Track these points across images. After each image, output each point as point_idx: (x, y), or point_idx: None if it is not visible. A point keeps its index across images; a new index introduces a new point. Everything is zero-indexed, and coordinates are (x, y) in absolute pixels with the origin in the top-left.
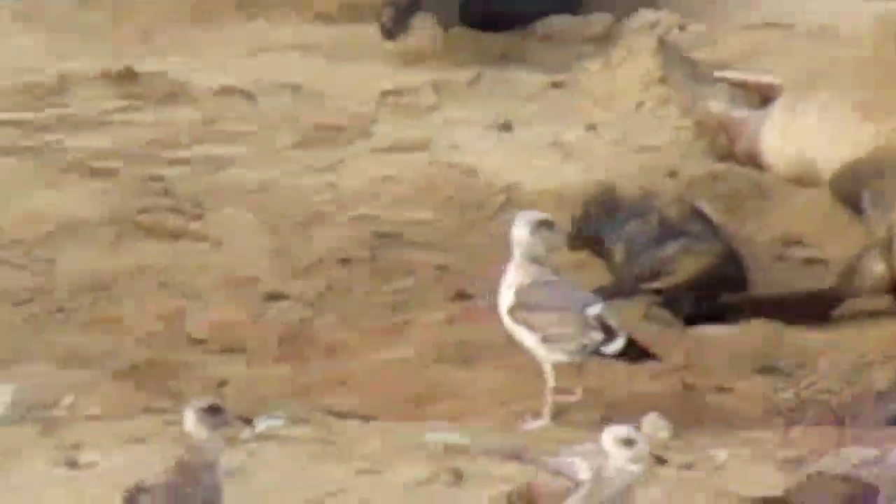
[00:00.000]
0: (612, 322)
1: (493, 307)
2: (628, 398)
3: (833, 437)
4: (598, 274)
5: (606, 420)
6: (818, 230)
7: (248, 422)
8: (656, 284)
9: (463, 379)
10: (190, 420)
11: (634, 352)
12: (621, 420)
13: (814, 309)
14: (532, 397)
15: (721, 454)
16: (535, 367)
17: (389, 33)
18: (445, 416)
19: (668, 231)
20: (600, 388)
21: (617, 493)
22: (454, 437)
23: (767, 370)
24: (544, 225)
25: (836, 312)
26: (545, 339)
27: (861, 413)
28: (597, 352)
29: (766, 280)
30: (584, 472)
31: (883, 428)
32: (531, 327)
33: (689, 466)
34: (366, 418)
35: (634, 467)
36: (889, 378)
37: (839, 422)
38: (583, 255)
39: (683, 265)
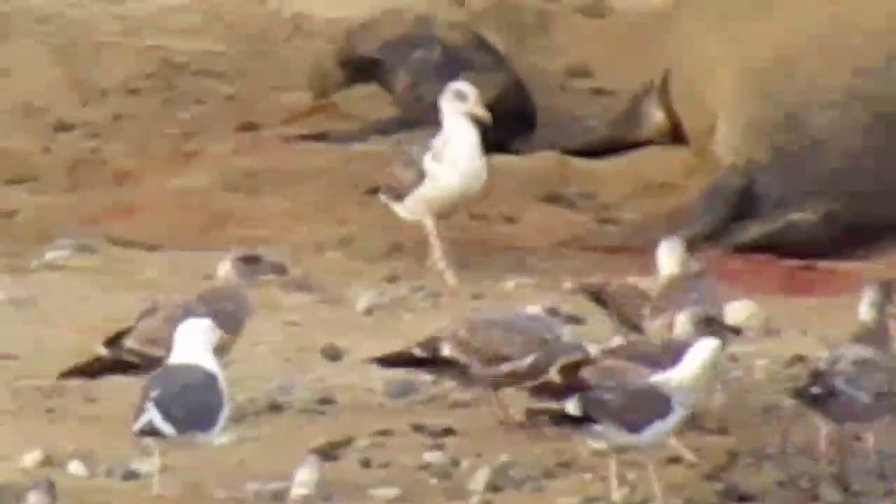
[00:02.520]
0: None
1: None
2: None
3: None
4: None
5: (397, 248)
6: (604, 61)
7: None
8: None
9: (250, 207)
10: (224, 267)
11: None
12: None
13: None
14: (317, 223)
15: (509, 283)
16: (319, 196)
17: None
18: (232, 243)
19: (451, 61)
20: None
21: None
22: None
23: (555, 199)
24: None
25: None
26: None
27: (651, 238)
28: None
29: (552, 111)
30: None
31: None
32: None
33: (477, 296)
34: (152, 247)
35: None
36: (675, 203)
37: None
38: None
39: None
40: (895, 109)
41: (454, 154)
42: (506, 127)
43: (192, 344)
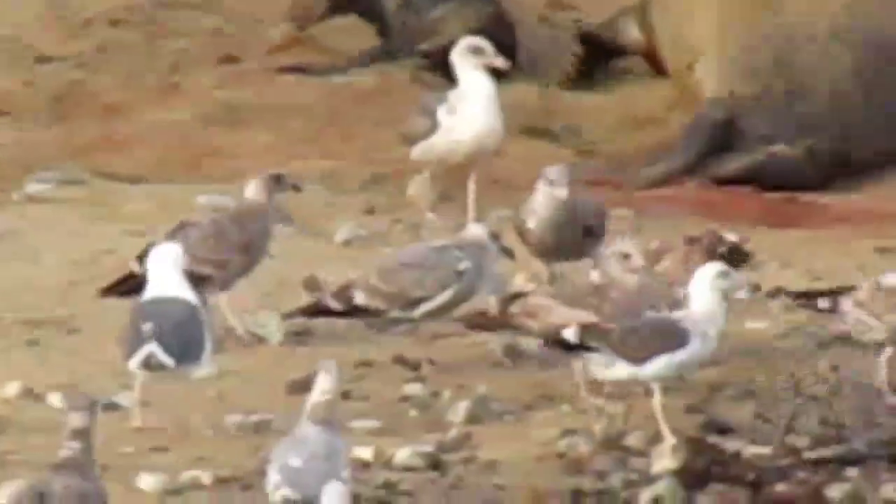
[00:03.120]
0: None
1: None
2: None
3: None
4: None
5: (377, 181)
6: None
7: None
8: (423, 46)
9: (233, 141)
10: (252, 187)
11: None
12: None
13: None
14: (299, 156)
15: (491, 216)
16: (301, 129)
17: None
18: (216, 177)
19: None
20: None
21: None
22: (224, 200)
23: (538, 132)
24: None
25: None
26: None
27: (629, 171)
28: None
29: (533, 42)
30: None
31: (650, 187)
32: None
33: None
34: (137, 179)
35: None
36: (656, 139)
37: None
38: None
39: (450, 27)
40: (881, 46)
41: (470, 110)
42: None
43: (168, 272)
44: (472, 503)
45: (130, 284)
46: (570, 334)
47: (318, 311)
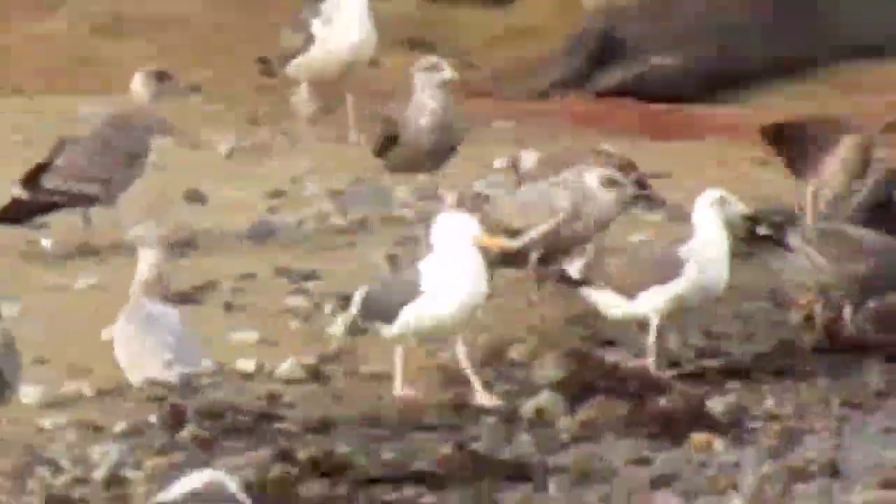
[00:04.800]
0: None
1: None
2: None
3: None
4: None
5: (260, 92)
6: None
7: None
8: None
9: (114, 51)
10: (137, 81)
11: None
12: None
13: None
14: (180, 67)
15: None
16: (183, 40)
17: None
18: (97, 87)
19: None
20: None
21: (594, 224)
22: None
23: (416, 43)
24: None
25: None
26: None
27: (511, 83)
28: None
29: None
30: (563, 199)
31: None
32: None
33: (342, 140)
34: (17, 90)
35: (615, 207)
36: (536, 51)
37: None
38: None
39: None
40: None
41: (345, 18)
42: None
43: None
44: (354, 414)
45: (17, 211)
46: (574, 271)
47: None
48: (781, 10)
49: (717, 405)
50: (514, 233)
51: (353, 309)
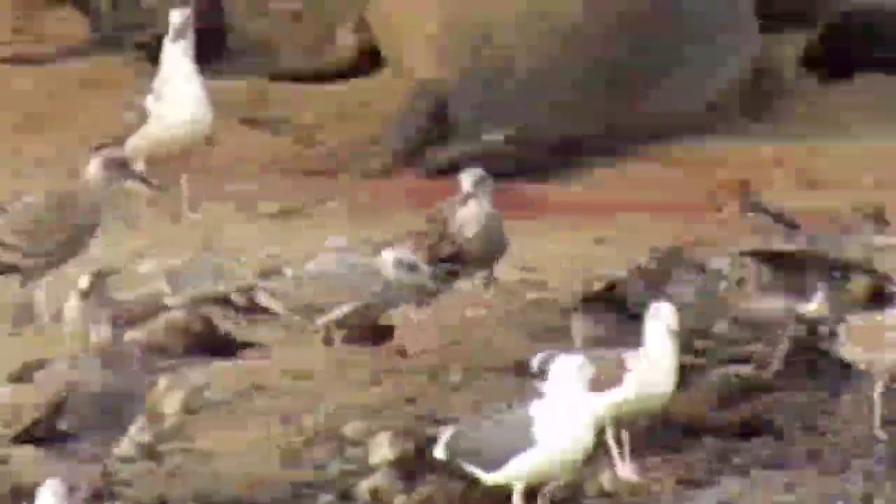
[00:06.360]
0: None
1: None
2: None
3: None
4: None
5: None
6: None
7: None
8: (138, 37)
9: None
10: (94, 166)
11: None
12: None
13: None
14: (19, 145)
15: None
16: (21, 117)
17: None
18: None
19: None
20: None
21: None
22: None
23: (254, 122)
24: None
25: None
26: None
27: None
28: None
29: (251, 31)
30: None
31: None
32: None
33: (176, 219)
34: None
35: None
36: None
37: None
38: None
39: (163, 18)
40: (576, 27)
41: (177, 94)
42: (203, 49)
43: None
44: (189, 492)
45: None
46: (439, 452)
47: None
48: (611, 88)
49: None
50: (316, 311)
51: (439, 453)
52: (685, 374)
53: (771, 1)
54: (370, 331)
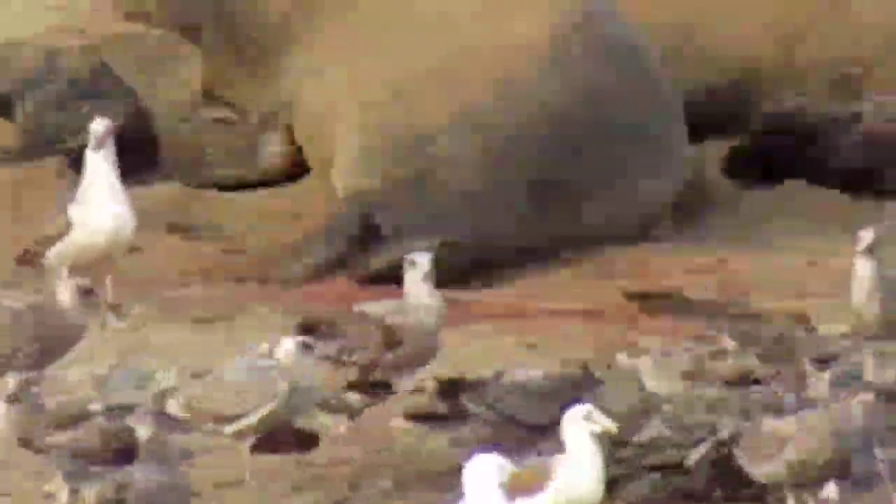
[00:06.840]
0: None
1: None
2: None
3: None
4: None
5: (19, 274)
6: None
7: None
8: (64, 143)
9: None
10: (66, 293)
11: None
12: None
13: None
14: None
15: (137, 308)
16: None
17: None
18: None
19: (75, 91)
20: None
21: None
22: None
23: (180, 229)
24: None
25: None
26: None
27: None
28: None
29: (178, 139)
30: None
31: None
32: None
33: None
34: None
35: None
36: (300, 232)
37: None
38: None
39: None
40: (505, 137)
41: (98, 202)
42: (129, 156)
43: None
44: None
45: None
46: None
47: None
48: (536, 196)
49: None
50: (229, 419)
51: None
52: (615, 482)
53: (693, 111)
54: (293, 437)
